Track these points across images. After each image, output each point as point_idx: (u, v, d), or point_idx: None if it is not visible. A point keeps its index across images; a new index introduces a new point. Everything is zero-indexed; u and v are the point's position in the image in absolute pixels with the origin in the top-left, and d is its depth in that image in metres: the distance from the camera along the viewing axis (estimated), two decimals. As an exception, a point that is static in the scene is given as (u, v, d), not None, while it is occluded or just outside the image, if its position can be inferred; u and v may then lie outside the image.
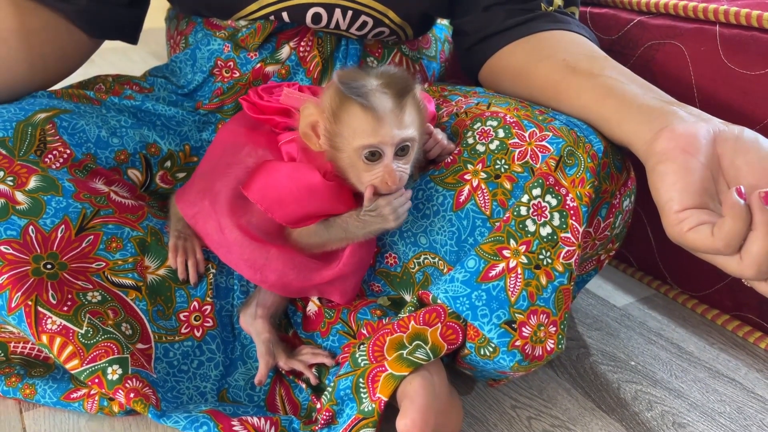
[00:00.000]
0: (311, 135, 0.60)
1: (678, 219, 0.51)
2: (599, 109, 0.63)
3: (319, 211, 0.62)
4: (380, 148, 0.57)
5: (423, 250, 0.65)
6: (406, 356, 0.57)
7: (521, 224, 0.59)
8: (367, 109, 0.56)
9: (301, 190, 0.61)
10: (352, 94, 0.56)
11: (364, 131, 0.56)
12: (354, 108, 0.57)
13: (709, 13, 0.78)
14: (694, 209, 0.51)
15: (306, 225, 0.63)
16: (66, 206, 0.64)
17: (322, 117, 0.59)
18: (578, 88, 0.66)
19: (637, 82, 0.64)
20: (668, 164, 0.53)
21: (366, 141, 0.57)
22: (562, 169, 0.60)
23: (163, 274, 0.67)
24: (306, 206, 0.62)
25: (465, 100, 0.70)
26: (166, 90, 0.83)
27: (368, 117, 0.56)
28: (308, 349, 0.67)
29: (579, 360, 0.75)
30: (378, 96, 0.57)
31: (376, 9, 0.77)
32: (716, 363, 0.76)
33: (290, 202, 0.62)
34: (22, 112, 0.67)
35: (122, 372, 0.58)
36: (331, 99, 0.58)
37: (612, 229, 0.66)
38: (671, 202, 0.52)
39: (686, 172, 0.52)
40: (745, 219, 0.47)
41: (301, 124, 0.60)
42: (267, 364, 0.65)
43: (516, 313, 0.57)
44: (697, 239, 0.50)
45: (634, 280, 0.92)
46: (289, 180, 0.62)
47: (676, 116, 0.57)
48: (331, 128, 0.58)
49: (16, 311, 0.58)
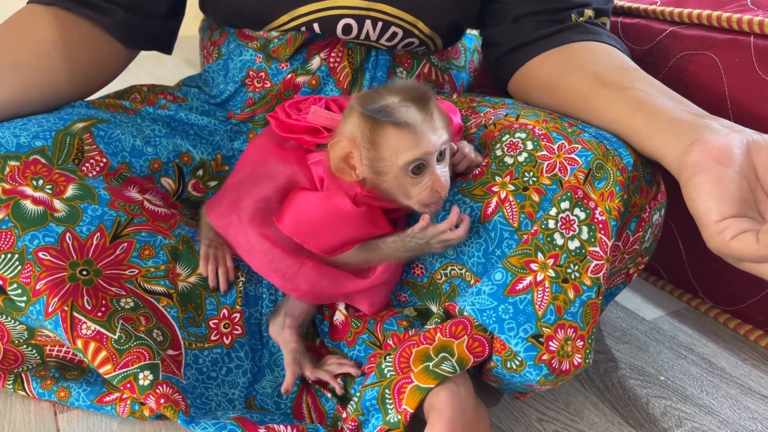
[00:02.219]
0: (345, 167, 0.60)
1: (719, 228, 0.51)
2: (629, 122, 0.63)
3: (353, 237, 0.63)
4: (424, 159, 0.58)
5: (450, 261, 0.65)
6: (433, 368, 0.58)
7: (549, 237, 0.59)
8: (401, 126, 0.57)
9: (333, 219, 0.62)
10: (382, 116, 0.57)
11: (406, 148, 0.57)
12: (388, 130, 0.57)
13: (744, 24, 0.77)
14: (733, 218, 0.50)
15: (342, 252, 0.63)
16: (101, 214, 0.65)
17: (355, 147, 0.59)
18: (608, 100, 0.65)
19: (668, 95, 0.64)
20: (703, 175, 0.53)
21: (411, 156, 0.57)
22: (591, 182, 0.59)
23: (194, 282, 0.68)
24: (340, 234, 0.62)
25: (494, 111, 0.70)
26: (199, 100, 0.84)
27: (405, 133, 0.57)
28: (334, 359, 0.68)
29: (607, 373, 0.75)
30: (405, 111, 0.57)
31: (406, 20, 0.78)
32: (748, 379, 0.75)
33: (324, 232, 0.62)
34: (61, 122, 0.69)
35: (153, 378, 0.60)
36: (362, 127, 0.58)
37: (641, 243, 0.65)
38: (710, 213, 0.51)
39: (722, 182, 0.52)
40: None
41: (333, 161, 0.60)
42: (294, 373, 0.66)
43: (543, 327, 0.57)
44: (742, 247, 0.49)
45: (665, 293, 0.91)
46: (321, 209, 0.63)
47: (708, 128, 0.56)
48: (370, 155, 0.58)
49: (53, 316, 0.60)
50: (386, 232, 0.63)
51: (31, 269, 0.61)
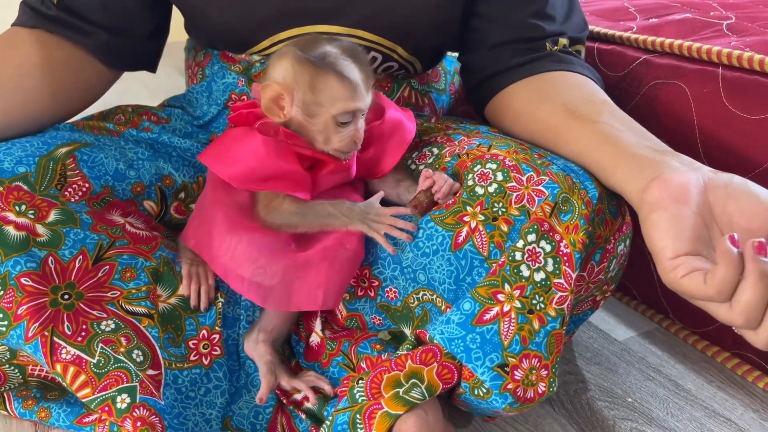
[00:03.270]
0: (275, 108, 0.65)
1: (672, 265, 0.53)
2: (595, 155, 0.65)
3: (259, 167, 0.66)
4: (354, 113, 0.64)
5: (421, 287, 0.67)
6: (402, 395, 0.60)
7: (516, 269, 0.61)
8: (344, 78, 0.63)
9: (240, 144, 0.67)
10: (326, 64, 0.63)
11: (344, 99, 0.63)
12: (331, 78, 0.63)
13: (713, 55, 0.79)
14: (687, 256, 0.53)
15: (259, 188, 0.67)
16: (84, 238, 0.67)
17: (289, 89, 0.64)
18: (576, 133, 0.67)
19: (633, 129, 0.66)
20: (660, 212, 0.55)
21: (346, 107, 0.63)
22: (557, 215, 0.62)
23: (174, 303, 0.70)
24: (244, 160, 0.66)
25: (467, 140, 0.72)
26: (182, 121, 0.86)
27: (346, 86, 0.63)
28: (312, 373, 0.70)
29: (576, 395, 0.77)
30: (347, 65, 0.64)
31: (385, 45, 0.80)
32: (713, 402, 0.77)
33: (230, 156, 0.67)
34: (44, 146, 0.71)
35: (130, 401, 0.61)
36: (300, 71, 0.63)
37: (606, 273, 0.68)
38: (665, 249, 0.53)
39: (678, 220, 0.54)
40: (737, 267, 0.48)
41: (264, 101, 0.65)
42: (269, 383, 0.67)
43: (509, 357, 0.59)
44: (691, 285, 0.51)
45: (637, 314, 0.93)
46: (231, 136, 0.68)
47: (667, 166, 0.58)
48: (306, 98, 0.64)
49: (33, 341, 0.62)
50: (293, 168, 0.66)
51: (13, 294, 0.62)
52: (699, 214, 0.54)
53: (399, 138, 0.71)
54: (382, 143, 0.70)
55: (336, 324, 0.73)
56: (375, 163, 0.71)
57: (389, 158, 0.70)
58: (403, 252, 0.67)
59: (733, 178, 0.56)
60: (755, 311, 0.48)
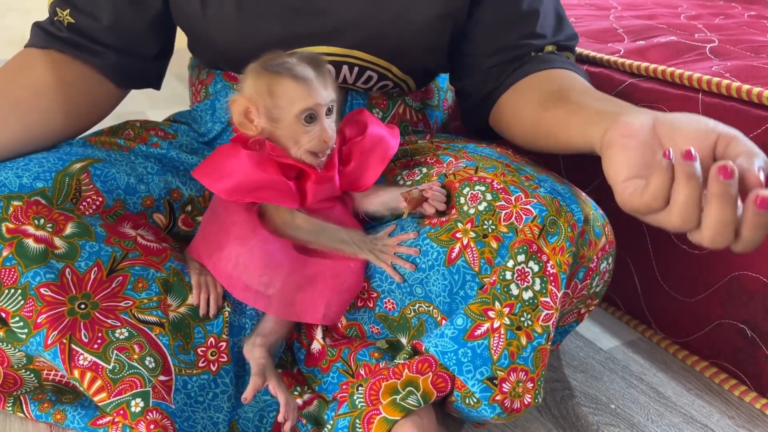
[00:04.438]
0: (246, 122, 0.69)
1: (623, 188, 0.57)
2: (573, 134, 0.69)
3: (245, 180, 0.70)
4: (315, 109, 0.67)
5: (418, 299, 0.71)
6: (399, 401, 0.64)
7: (506, 288, 0.65)
8: (297, 79, 0.67)
9: (225, 158, 0.71)
10: (281, 69, 0.67)
11: (300, 97, 0.67)
12: (286, 81, 0.67)
13: (694, 82, 0.84)
14: (636, 179, 0.57)
15: (242, 200, 0.71)
16: (98, 250, 0.71)
17: (252, 101, 0.68)
18: (553, 120, 0.73)
19: (602, 98, 0.72)
20: (613, 147, 0.60)
21: (304, 105, 0.67)
22: (544, 237, 0.66)
23: (183, 312, 0.74)
24: (231, 174, 0.70)
25: (455, 162, 0.77)
26: (188, 137, 0.90)
27: (300, 85, 0.67)
28: (291, 399, 0.73)
29: (563, 401, 0.81)
30: (302, 68, 0.67)
31: (380, 65, 0.84)
32: (691, 409, 0.82)
33: (217, 169, 0.71)
34: (60, 162, 0.74)
35: (144, 404, 0.65)
36: (260, 81, 0.68)
37: (589, 289, 0.72)
38: (617, 176, 0.58)
39: (627, 150, 0.58)
40: (667, 174, 0.52)
41: (235, 116, 0.69)
42: (254, 384, 0.70)
43: (498, 371, 0.64)
44: (633, 199, 0.55)
45: (621, 324, 0.98)
46: (221, 156, 0.72)
47: (623, 113, 0.63)
48: (267, 104, 0.67)
49: (52, 348, 0.65)
50: (276, 178, 0.70)
51: (33, 304, 0.66)
52: (647, 144, 0.59)
53: (380, 153, 0.75)
54: (363, 158, 0.75)
55: (336, 332, 0.77)
56: (357, 177, 0.75)
57: (371, 172, 0.75)
58: (401, 267, 0.71)
59: (680, 113, 0.61)
60: (688, 210, 0.52)
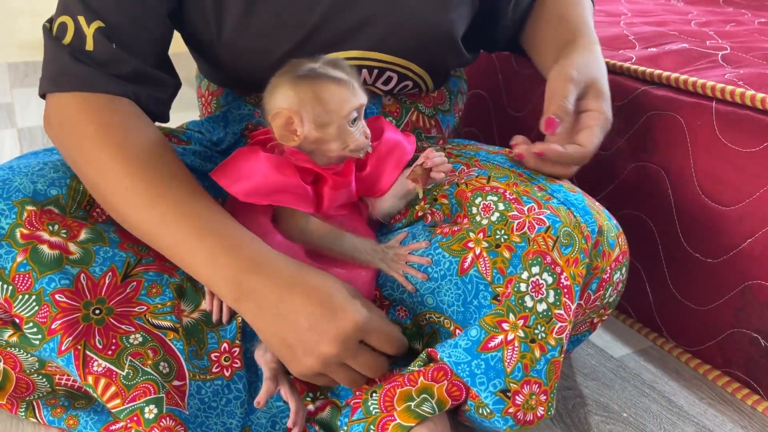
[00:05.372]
0: (288, 134, 0.69)
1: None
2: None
3: (264, 182, 0.70)
4: (359, 109, 0.69)
5: (429, 310, 0.71)
6: (414, 408, 0.64)
7: (520, 300, 0.65)
8: (340, 81, 0.68)
9: (245, 160, 0.71)
10: (320, 75, 0.68)
11: (346, 98, 0.68)
12: (330, 85, 0.68)
13: (707, 89, 0.84)
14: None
15: (258, 202, 0.71)
16: (113, 255, 0.71)
17: (296, 110, 0.68)
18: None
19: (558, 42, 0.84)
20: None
21: (353, 105, 0.69)
22: (558, 248, 0.66)
23: (197, 318, 0.74)
24: (250, 177, 0.70)
25: (467, 170, 0.77)
26: (201, 145, 0.90)
27: (343, 87, 0.68)
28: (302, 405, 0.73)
29: (574, 409, 0.81)
30: (333, 71, 0.69)
31: (400, 64, 0.84)
32: (704, 418, 0.81)
33: (235, 171, 0.71)
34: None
35: (158, 411, 0.65)
36: (301, 89, 0.68)
37: (602, 300, 0.72)
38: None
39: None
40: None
41: (277, 130, 0.69)
42: (268, 389, 0.70)
43: (511, 383, 0.64)
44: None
45: (633, 332, 0.98)
46: (240, 158, 0.72)
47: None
48: (316, 110, 0.68)
49: (66, 354, 0.66)
50: (294, 182, 0.70)
51: (47, 310, 0.66)
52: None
53: (396, 158, 0.76)
54: (379, 162, 0.75)
55: (348, 339, 0.77)
56: (373, 183, 0.76)
57: (386, 177, 0.75)
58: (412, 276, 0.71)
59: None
60: None
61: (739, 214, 0.81)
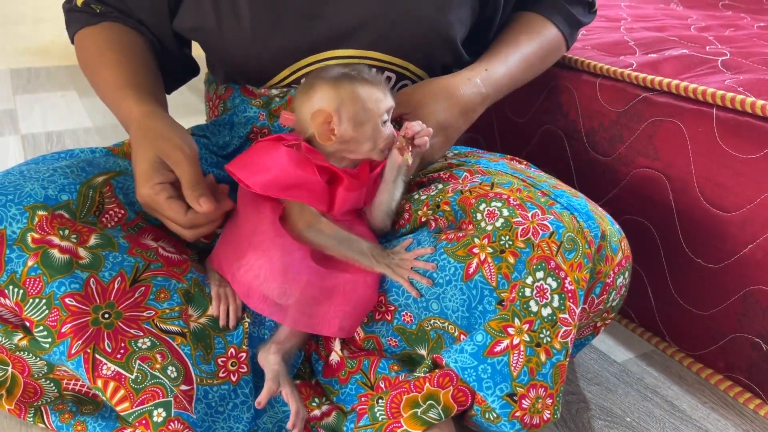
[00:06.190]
0: (326, 133, 0.71)
1: None
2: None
3: (282, 175, 0.72)
4: (389, 110, 0.73)
5: (433, 315, 0.72)
6: (420, 415, 0.64)
7: (525, 304, 0.66)
8: (375, 83, 0.72)
9: (264, 154, 0.74)
10: (357, 76, 0.71)
11: (381, 98, 0.72)
12: (368, 86, 0.71)
13: (708, 96, 0.85)
14: None
15: (275, 195, 0.73)
16: (122, 260, 0.72)
17: (336, 110, 0.70)
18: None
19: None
20: None
21: (388, 104, 0.72)
22: (562, 253, 0.67)
23: (204, 323, 0.74)
24: (268, 169, 0.72)
25: (470, 177, 0.77)
26: (207, 150, 0.91)
27: (377, 87, 0.72)
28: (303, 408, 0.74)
29: (578, 414, 0.82)
30: (367, 73, 0.72)
31: (398, 64, 0.85)
32: (706, 422, 0.82)
33: (254, 163, 0.73)
34: (84, 174, 0.75)
35: (166, 414, 0.66)
36: (342, 89, 0.71)
37: (605, 304, 0.73)
38: None
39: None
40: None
41: (317, 128, 0.71)
42: (269, 389, 0.72)
43: (517, 387, 0.64)
44: None
45: (635, 336, 0.98)
46: (259, 151, 0.74)
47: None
48: (356, 108, 0.70)
49: (75, 357, 0.66)
50: (314, 178, 0.72)
51: (57, 314, 0.67)
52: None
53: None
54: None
55: (354, 345, 0.78)
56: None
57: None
58: (417, 282, 0.72)
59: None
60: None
61: (740, 219, 0.82)
